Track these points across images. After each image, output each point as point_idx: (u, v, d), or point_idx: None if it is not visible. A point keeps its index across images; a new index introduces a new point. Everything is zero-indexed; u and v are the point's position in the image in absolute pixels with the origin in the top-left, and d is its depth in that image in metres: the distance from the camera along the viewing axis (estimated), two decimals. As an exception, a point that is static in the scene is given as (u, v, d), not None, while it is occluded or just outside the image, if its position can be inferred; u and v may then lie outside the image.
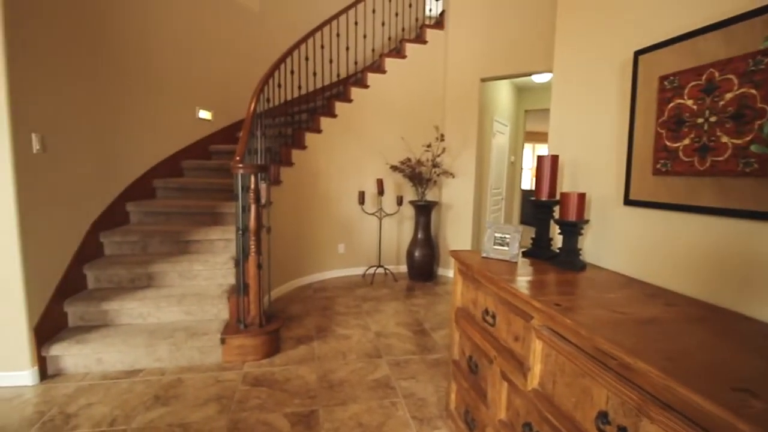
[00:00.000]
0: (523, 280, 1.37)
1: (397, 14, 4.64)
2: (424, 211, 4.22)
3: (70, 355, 2.23)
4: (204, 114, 4.15)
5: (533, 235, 1.72)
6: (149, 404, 1.97)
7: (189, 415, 1.88)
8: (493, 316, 1.43)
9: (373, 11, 4.46)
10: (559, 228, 1.55)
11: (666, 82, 1.31)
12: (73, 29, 2.51)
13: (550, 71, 3.79)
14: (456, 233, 4.43)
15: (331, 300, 3.60)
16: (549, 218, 1.68)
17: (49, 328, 2.26)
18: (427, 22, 4.85)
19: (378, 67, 4.40)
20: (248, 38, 4.65)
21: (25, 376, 2.12)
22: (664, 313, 1.07)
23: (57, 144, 2.34)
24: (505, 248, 1.60)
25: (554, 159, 1.66)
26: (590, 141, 1.70)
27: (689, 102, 1.23)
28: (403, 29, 4.69)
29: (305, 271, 4.08)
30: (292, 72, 3.80)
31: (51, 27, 2.31)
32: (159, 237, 2.89)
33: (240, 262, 2.51)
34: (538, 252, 1.68)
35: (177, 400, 2.01)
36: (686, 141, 1.24)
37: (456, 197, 4.40)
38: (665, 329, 0.96)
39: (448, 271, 4.49)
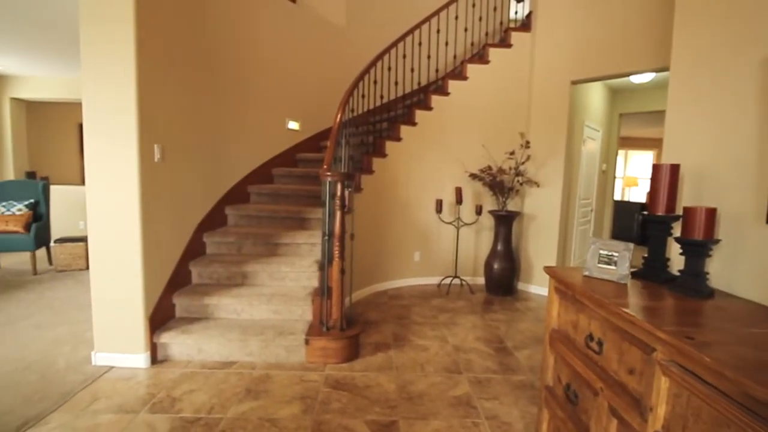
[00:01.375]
0: (637, 305, 1.21)
1: (480, 19, 4.54)
2: (505, 221, 4.03)
3: (176, 343, 2.48)
4: (293, 125, 4.42)
5: (645, 254, 1.53)
6: (242, 396, 2.11)
7: (277, 411, 1.97)
8: (600, 344, 1.29)
9: (456, 17, 4.41)
10: (682, 248, 1.36)
11: (834, 77, 1.08)
12: (184, 55, 2.82)
13: (653, 70, 3.43)
14: (539, 246, 4.16)
15: (407, 308, 3.57)
16: (666, 235, 1.48)
17: (160, 318, 2.54)
18: (512, 26, 4.67)
19: (459, 74, 4.33)
20: (334, 51, 4.87)
21: (140, 359, 2.40)
22: (834, 358, 0.87)
23: (172, 154, 2.64)
24: (612, 267, 1.44)
25: (674, 168, 1.47)
26: (719, 148, 1.47)
27: None
28: (486, 34, 4.57)
29: (381, 278, 4.12)
30: (375, 82, 3.89)
31: (168, 55, 2.61)
32: (252, 239, 3.12)
33: (324, 266, 2.60)
34: (651, 273, 1.49)
35: (266, 395, 2.12)
36: None
37: (540, 208, 4.14)
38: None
39: (530, 286, 4.23)
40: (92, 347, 2.48)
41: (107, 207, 2.32)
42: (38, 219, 4.59)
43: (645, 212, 1.52)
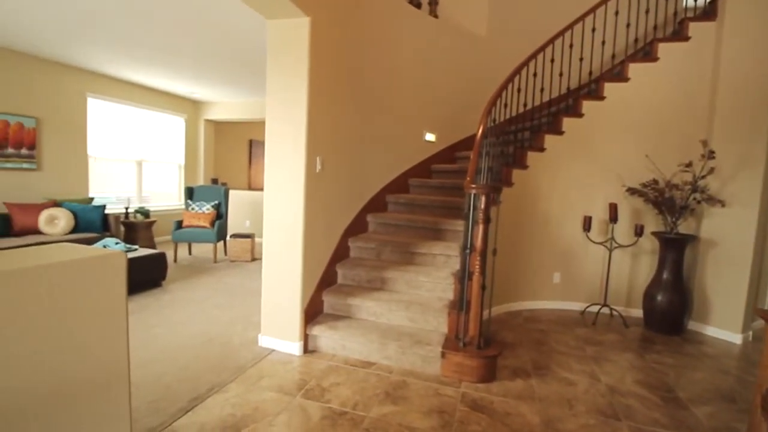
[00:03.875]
0: None
1: (647, 11, 3.96)
2: (674, 246, 3.39)
3: (324, 336, 2.72)
4: (430, 136, 4.50)
5: None
6: (381, 398, 2.18)
7: (415, 421, 1.99)
8: None
9: (616, 13, 3.93)
10: None
11: None
12: (338, 78, 3.10)
13: None
14: (722, 279, 3.39)
15: (545, 334, 3.27)
16: None
17: (312, 312, 2.82)
18: (689, 15, 3.97)
19: (618, 75, 3.84)
20: (473, 62, 4.82)
21: (295, 347, 2.70)
22: None
23: (327, 165, 2.93)
24: None
25: None
26: None
27: None
28: (654, 27, 3.96)
29: (515, 297, 3.87)
30: (519, 90, 3.71)
31: (327, 80, 2.90)
32: (390, 246, 3.25)
33: (464, 279, 2.55)
34: None
35: (404, 401, 2.16)
36: None
37: (725, 232, 3.38)
38: None
39: (705, 327, 3.47)
40: (259, 330, 2.89)
41: (279, 211, 2.69)
42: (220, 217, 5.60)
43: None
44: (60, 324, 1.27)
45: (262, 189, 8.34)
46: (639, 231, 3.53)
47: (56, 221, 4.60)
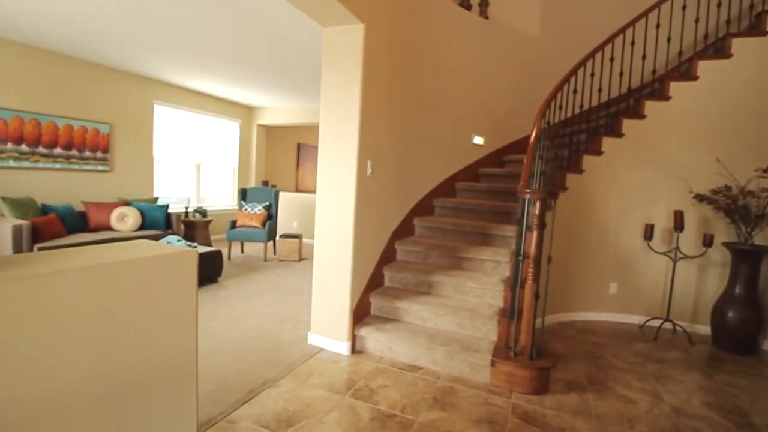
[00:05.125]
0: None
1: (719, 5, 3.67)
2: (749, 258, 3.11)
3: (371, 338, 2.75)
4: (478, 140, 4.43)
5: None
6: (429, 403, 2.17)
7: (465, 430, 1.96)
8: None
9: (684, 7, 3.68)
10: None
11: None
12: (388, 83, 3.14)
13: None
14: (807, 296, 3.07)
15: (601, 347, 3.11)
16: None
17: (360, 313, 2.87)
18: (767, 8, 3.64)
19: (685, 73, 3.59)
20: (524, 63, 4.69)
21: (343, 347, 2.75)
22: None
23: (377, 168, 2.96)
24: None
25: None
26: None
27: None
28: (728, 21, 3.67)
29: (567, 307, 3.71)
30: (575, 91, 3.57)
31: (378, 84, 2.95)
32: (438, 250, 3.23)
33: (515, 287, 2.48)
34: None
35: (453, 408, 2.14)
36: None
37: (812, 244, 3.05)
38: None
39: (786, 347, 3.15)
40: (307, 328, 2.97)
41: (331, 213, 2.77)
42: (270, 218, 5.83)
43: None
44: (142, 315, 1.38)
45: (309, 191, 8.61)
46: (708, 241, 3.27)
47: (126, 219, 5.00)
